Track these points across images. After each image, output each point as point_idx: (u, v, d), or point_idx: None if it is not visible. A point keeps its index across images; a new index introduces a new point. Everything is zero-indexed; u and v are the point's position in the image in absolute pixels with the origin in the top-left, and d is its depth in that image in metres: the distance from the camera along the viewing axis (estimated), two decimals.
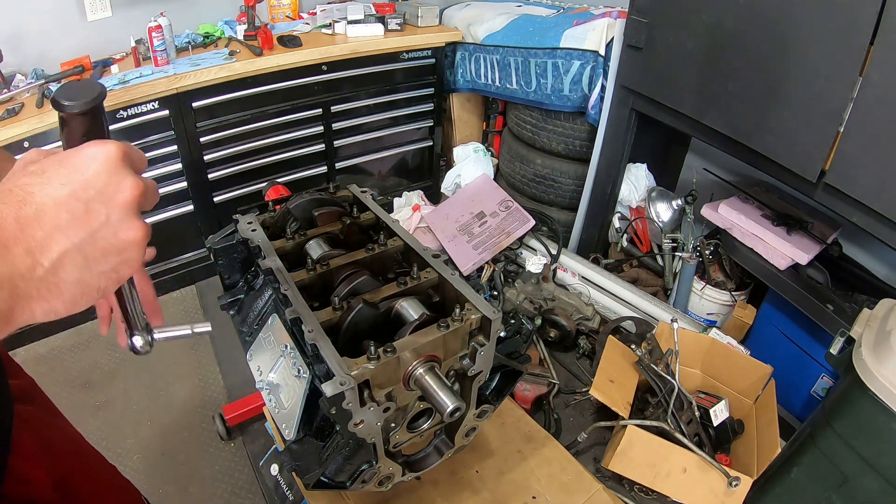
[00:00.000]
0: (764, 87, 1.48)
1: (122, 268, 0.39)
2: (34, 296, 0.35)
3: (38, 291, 0.35)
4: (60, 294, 0.36)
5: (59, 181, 0.36)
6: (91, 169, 0.37)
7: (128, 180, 0.38)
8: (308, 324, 0.88)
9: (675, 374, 1.59)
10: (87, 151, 0.37)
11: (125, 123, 2.01)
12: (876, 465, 1.08)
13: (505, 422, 1.40)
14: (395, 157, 2.86)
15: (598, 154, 2.19)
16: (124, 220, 0.38)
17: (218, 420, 1.72)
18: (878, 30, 1.19)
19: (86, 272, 0.37)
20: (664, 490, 1.47)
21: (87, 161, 0.37)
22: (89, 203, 0.36)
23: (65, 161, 0.37)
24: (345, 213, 1.19)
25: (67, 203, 0.36)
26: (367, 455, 0.97)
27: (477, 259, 2.23)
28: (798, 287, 1.60)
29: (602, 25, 2.07)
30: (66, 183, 0.36)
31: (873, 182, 1.28)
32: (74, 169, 0.37)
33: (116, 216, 0.37)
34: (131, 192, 0.38)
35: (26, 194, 0.35)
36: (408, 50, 2.56)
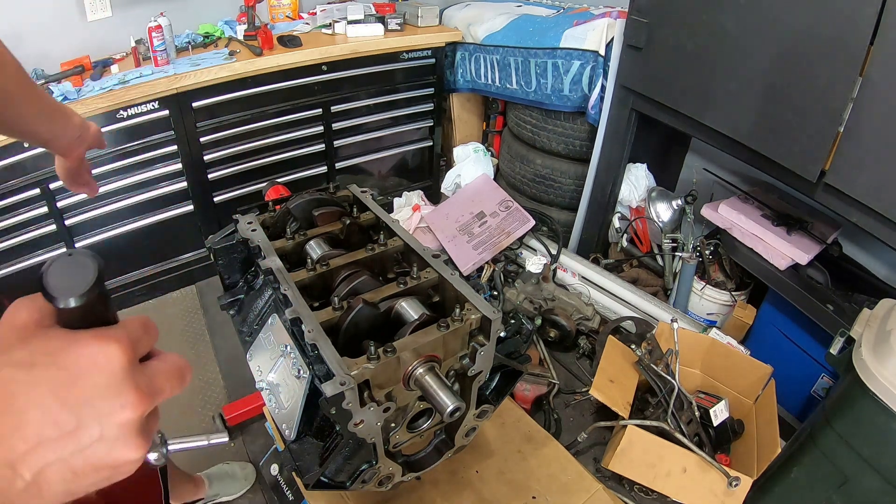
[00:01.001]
0: (764, 87, 1.48)
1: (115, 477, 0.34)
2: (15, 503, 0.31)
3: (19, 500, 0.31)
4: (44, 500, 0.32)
5: (49, 388, 0.30)
6: (88, 379, 0.31)
7: (130, 396, 0.32)
8: (308, 324, 0.88)
9: (675, 374, 1.59)
10: (86, 353, 0.32)
11: (125, 123, 2.01)
12: (876, 465, 1.08)
13: (505, 422, 1.40)
14: (395, 157, 2.86)
15: (598, 154, 2.19)
16: (120, 438, 0.32)
17: (218, 420, 1.72)
18: (878, 30, 1.19)
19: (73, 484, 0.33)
20: (664, 490, 1.47)
21: (84, 367, 0.31)
22: (81, 419, 0.31)
23: (58, 359, 0.31)
24: (345, 213, 1.19)
25: (56, 417, 0.30)
26: (367, 455, 0.97)
27: (477, 259, 2.23)
28: (798, 287, 1.60)
29: (602, 25, 2.07)
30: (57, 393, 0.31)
31: (873, 182, 1.28)
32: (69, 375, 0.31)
33: (112, 434, 0.32)
34: (132, 411, 0.32)
35: (9, 395, 0.30)
36: (408, 50, 2.56)
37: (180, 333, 2.21)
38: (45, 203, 1.98)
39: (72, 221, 2.08)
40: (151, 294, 2.39)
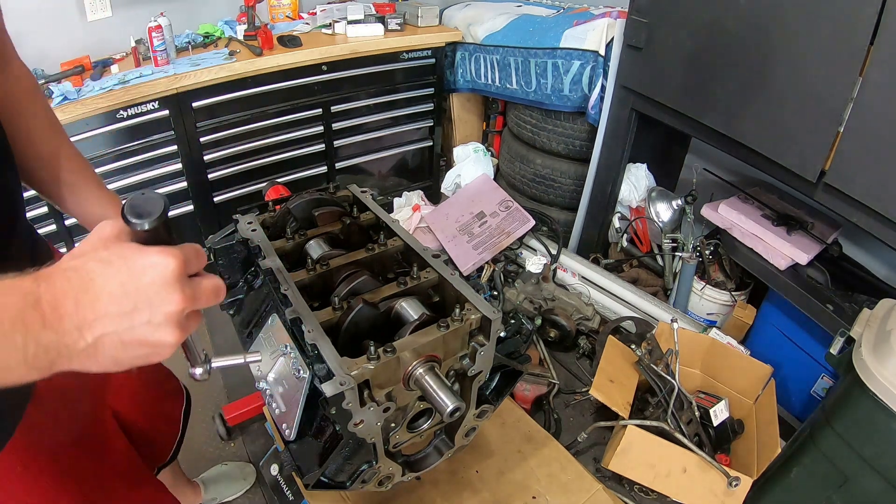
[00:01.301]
0: (764, 87, 1.48)
1: (153, 357, 0.45)
2: (73, 359, 0.42)
3: (77, 357, 0.42)
4: (95, 362, 0.43)
5: (120, 278, 0.42)
6: (147, 278, 0.42)
7: (175, 295, 0.43)
8: (308, 324, 0.88)
9: (675, 374, 1.59)
10: (150, 259, 0.43)
11: (125, 123, 2.01)
12: (876, 465, 1.08)
13: (505, 422, 1.40)
14: (395, 157, 2.86)
15: (598, 154, 2.19)
16: (163, 325, 0.43)
17: (218, 420, 1.72)
18: (878, 30, 1.19)
19: (120, 353, 0.43)
20: (664, 490, 1.47)
21: (146, 269, 0.42)
22: (137, 305, 0.42)
23: (130, 261, 0.42)
24: (345, 213, 1.19)
25: (119, 300, 0.41)
26: (367, 455, 0.97)
27: (477, 259, 2.23)
28: (798, 287, 1.60)
29: (602, 25, 2.07)
30: (125, 282, 0.42)
31: (873, 182, 1.28)
32: (134, 273, 0.42)
33: (157, 320, 0.43)
34: (176, 305, 0.43)
35: (89, 280, 0.41)
36: (408, 50, 2.56)
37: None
38: (46, 203, 1.99)
39: (72, 221, 2.08)
40: None
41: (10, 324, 0.38)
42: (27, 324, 0.39)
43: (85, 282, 0.41)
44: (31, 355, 0.39)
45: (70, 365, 0.42)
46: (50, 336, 0.40)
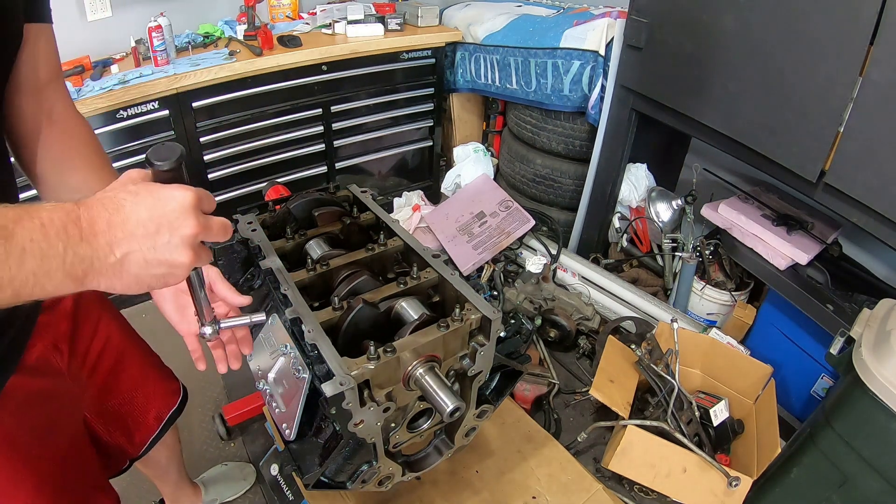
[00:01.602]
0: (764, 87, 1.48)
1: (169, 278, 0.52)
2: (102, 273, 0.48)
3: (106, 271, 0.48)
4: (120, 279, 0.49)
5: (146, 205, 0.49)
6: (170, 206, 0.50)
7: (192, 221, 0.50)
8: (308, 324, 0.88)
9: (675, 374, 1.59)
10: (173, 193, 0.50)
11: (125, 123, 2.01)
12: (876, 465, 1.08)
13: (505, 422, 1.40)
14: (395, 157, 2.86)
15: (598, 154, 2.19)
16: (180, 246, 0.50)
17: (218, 420, 1.72)
18: (878, 30, 1.19)
19: (142, 270, 0.50)
20: (664, 490, 1.47)
21: (169, 199, 0.50)
22: (160, 227, 0.49)
23: (154, 192, 0.50)
24: (345, 213, 1.19)
25: (145, 223, 0.48)
26: (367, 455, 0.97)
27: (477, 259, 2.23)
28: (798, 287, 1.60)
29: (602, 25, 2.07)
30: (150, 208, 0.49)
31: (873, 182, 1.28)
32: (159, 200, 0.49)
33: (175, 242, 0.50)
34: (192, 230, 0.50)
35: (120, 206, 0.48)
36: (408, 50, 2.56)
37: None
38: None
39: None
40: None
41: (55, 233, 0.45)
42: (69, 234, 0.45)
43: (117, 207, 0.48)
44: (69, 263, 0.46)
45: (99, 280, 0.48)
46: (86, 249, 0.46)
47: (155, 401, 1.11)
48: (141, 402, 1.07)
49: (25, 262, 0.43)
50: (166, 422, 1.13)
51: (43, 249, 0.44)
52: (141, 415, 1.08)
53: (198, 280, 0.66)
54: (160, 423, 1.12)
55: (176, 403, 1.16)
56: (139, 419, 1.08)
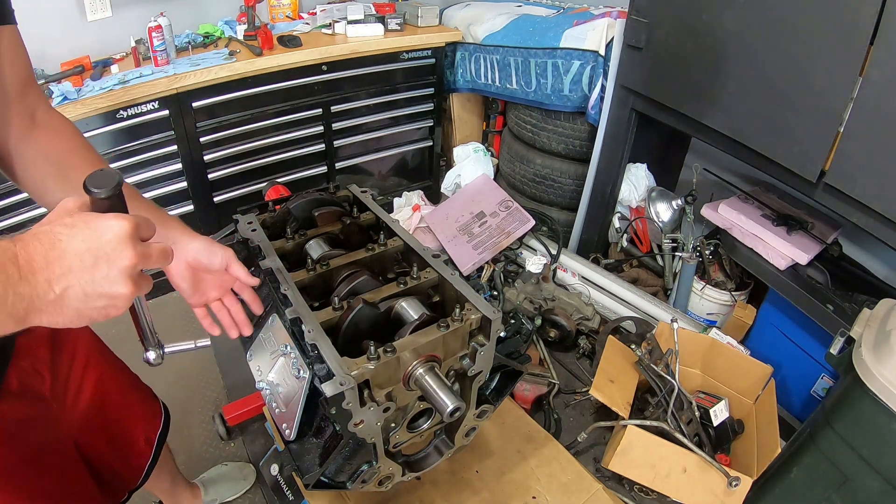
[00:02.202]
0: (764, 87, 1.48)
1: (111, 309, 0.51)
2: (43, 310, 0.48)
3: (46, 308, 0.48)
4: (62, 314, 0.49)
5: (82, 237, 0.48)
6: (106, 237, 0.49)
7: (129, 251, 0.50)
8: (308, 324, 0.88)
9: (675, 374, 1.59)
10: (108, 223, 0.49)
11: (125, 123, 2.01)
12: (876, 465, 1.08)
13: (505, 422, 1.40)
14: (395, 157, 2.86)
15: (598, 154, 2.19)
16: (119, 278, 0.50)
17: (218, 420, 1.72)
18: (878, 30, 1.19)
19: (83, 304, 0.49)
20: (664, 490, 1.47)
21: (105, 230, 0.49)
22: (97, 259, 0.49)
23: (90, 223, 0.49)
24: (345, 213, 1.19)
25: (82, 255, 0.48)
26: (367, 455, 0.97)
27: (477, 259, 2.23)
28: (798, 287, 1.60)
29: (602, 25, 2.07)
30: (86, 240, 0.48)
31: (873, 182, 1.28)
32: (94, 232, 0.49)
33: (114, 274, 0.49)
34: (129, 260, 0.50)
35: (56, 240, 0.48)
36: (408, 50, 2.56)
37: (180, 333, 2.21)
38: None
39: None
40: (152, 294, 2.39)
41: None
42: (8, 275, 0.45)
43: (53, 242, 0.48)
44: (10, 303, 0.45)
45: (41, 317, 0.48)
46: (25, 287, 0.46)
47: (141, 424, 1.08)
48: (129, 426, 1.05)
49: None
50: (157, 444, 1.10)
51: None
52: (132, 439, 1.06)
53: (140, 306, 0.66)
54: (152, 447, 1.10)
55: (160, 425, 1.13)
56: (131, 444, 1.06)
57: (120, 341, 1.09)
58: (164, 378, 1.99)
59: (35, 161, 0.75)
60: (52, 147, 0.76)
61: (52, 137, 0.77)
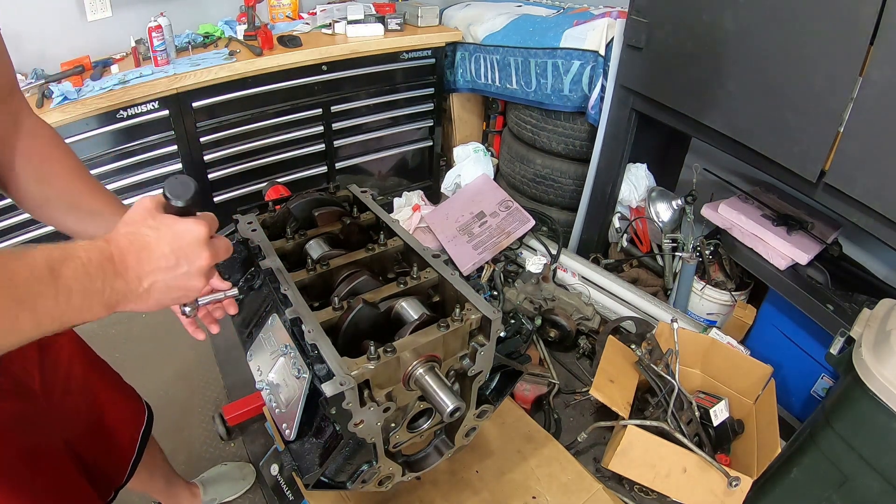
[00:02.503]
0: (764, 87, 1.48)
1: (183, 298, 0.62)
2: (132, 301, 0.57)
3: (135, 299, 0.57)
4: (146, 303, 0.58)
5: (167, 240, 0.58)
6: (187, 240, 0.59)
7: (205, 252, 0.60)
8: (308, 324, 0.88)
9: (675, 374, 1.59)
10: (189, 227, 0.59)
11: (125, 123, 2.01)
12: (876, 465, 1.08)
13: (505, 422, 1.40)
14: (395, 157, 2.86)
15: (598, 154, 2.19)
16: (196, 275, 0.60)
17: (218, 420, 1.72)
18: (878, 30, 1.19)
19: (163, 295, 0.59)
20: (664, 490, 1.47)
21: (186, 234, 0.59)
22: (179, 259, 0.59)
23: (173, 227, 0.58)
24: (345, 213, 1.19)
25: (167, 256, 0.58)
26: (367, 455, 0.97)
27: (477, 259, 2.23)
28: (798, 287, 1.60)
29: (602, 25, 2.07)
30: (171, 243, 0.58)
31: (873, 182, 1.28)
32: (177, 236, 0.58)
33: (192, 271, 0.60)
34: (206, 260, 0.61)
35: (146, 242, 0.57)
36: (408, 50, 2.56)
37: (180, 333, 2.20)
38: None
39: None
40: None
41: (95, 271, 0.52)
42: (105, 271, 0.53)
43: (143, 243, 0.56)
44: (107, 296, 0.53)
45: (127, 306, 0.57)
46: (120, 283, 0.54)
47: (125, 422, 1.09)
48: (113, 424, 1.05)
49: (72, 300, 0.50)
50: (140, 443, 1.11)
51: (85, 287, 0.51)
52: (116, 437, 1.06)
53: None
54: (135, 445, 1.10)
55: (143, 423, 1.14)
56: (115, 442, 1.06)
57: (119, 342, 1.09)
58: (164, 378, 2.00)
59: (17, 165, 0.76)
60: (35, 152, 0.78)
61: (35, 142, 0.78)
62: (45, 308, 0.48)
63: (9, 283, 0.45)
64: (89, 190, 0.82)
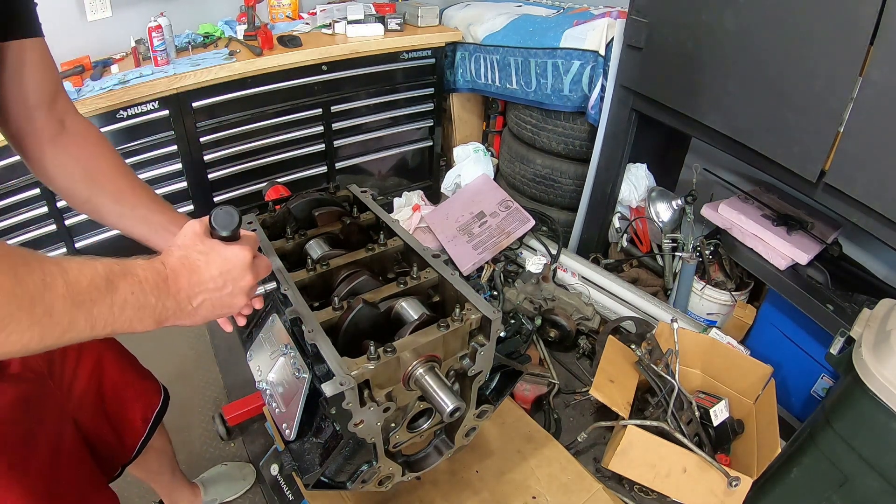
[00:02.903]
0: (764, 87, 1.48)
1: (228, 314, 0.70)
2: (180, 318, 0.63)
3: (184, 316, 0.64)
4: (192, 319, 0.65)
5: (216, 265, 0.65)
6: (233, 264, 0.66)
7: (249, 275, 0.68)
8: (308, 324, 0.88)
9: (675, 374, 1.59)
10: (236, 253, 0.66)
11: (125, 123, 2.01)
12: (876, 465, 1.08)
13: (505, 422, 1.40)
14: (395, 157, 2.86)
15: (598, 154, 2.19)
16: (240, 294, 0.68)
17: (218, 420, 1.72)
18: (878, 30, 1.19)
19: (209, 312, 0.66)
20: (664, 490, 1.47)
21: (233, 258, 0.66)
22: (227, 282, 0.66)
23: (222, 253, 0.66)
24: (345, 213, 1.19)
25: (216, 279, 0.65)
26: (367, 455, 0.97)
27: (477, 259, 2.23)
28: (798, 287, 1.60)
29: (602, 25, 2.07)
30: (219, 267, 0.65)
31: (873, 182, 1.28)
32: (226, 261, 0.66)
33: (237, 291, 0.67)
34: (249, 282, 0.68)
35: (196, 267, 0.64)
36: (408, 50, 2.56)
37: (180, 333, 2.21)
38: (45, 203, 1.99)
39: (72, 221, 2.08)
40: None
41: (150, 289, 0.58)
42: (160, 290, 0.59)
43: (194, 266, 0.63)
44: (158, 311, 0.59)
45: (176, 321, 0.63)
46: (172, 302, 0.60)
47: (138, 402, 1.11)
48: (126, 404, 1.08)
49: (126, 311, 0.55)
50: (153, 422, 1.13)
51: (140, 301, 0.57)
52: (128, 416, 1.08)
53: None
54: (147, 425, 1.12)
55: (159, 403, 1.16)
56: (126, 421, 1.08)
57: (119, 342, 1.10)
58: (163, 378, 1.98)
59: (65, 164, 0.83)
60: (81, 152, 0.84)
61: (81, 143, 0.85)
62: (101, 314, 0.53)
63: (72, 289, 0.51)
64: (132, 188, 0.88)
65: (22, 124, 0.79)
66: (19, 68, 0.75)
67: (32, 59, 0.76)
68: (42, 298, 0.48)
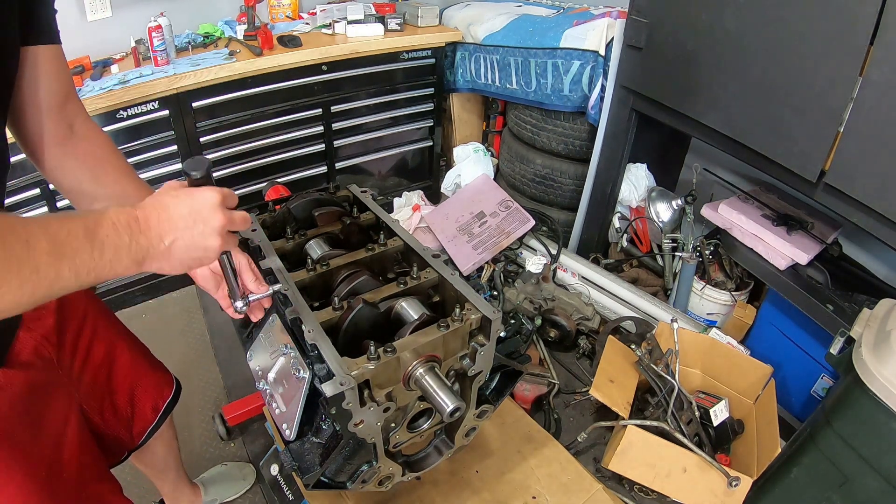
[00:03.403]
0: (764, 87, 1.48)
1: (204, 259, 0.67)
2: (156, 258, 0.63)
3: (158, 256, 0.63)
4: (169, 261, 0.64)
5: (185, 204, 0.64)
6: (203, 203, 0.65)
7: (219, 214, 0.66)
8: (308, 324, 0.88)
9: (675, 374, 1.59)
10: (204, 194, 0.66)
11: (125, 123, 2.01)
12: (876, 465, 1.08)
13: (505, 422, 1.40)
14: (395, 157, 2.86)
15: (598, 154, 2.19)
16: (211, 234, 0.66)
17: (218, 420, 1.72)
18: (878, 30, 1.19)
19: (184, 254, 0.65)
20: (664, 490, 1.47)
21: (202, 198, 0.65)
22: (196, 220, 0.64)
23: (191, 194, 0.65)
24: (345, 213, 1.19)
25: (185, 217, 0.64)
26: (367, 455, 0.97)
27: (477, 259, 2.23)
28: (798, 287, 1.60)
29: (602, 25, 2.07)
30: (188, 206, 0.64)
31: (873, 182, 1.28)
32: (194, 200, 0.65)
33: (208, 231, 0.65)
34: (219, 221, 0.66)
35: (165, 206, 0.63)
36: (408, 50, 2.56)
37: (180, 333, 2.21)
38: (45, 203, 1.99)
39: None
40: (152, 294, 2.39)
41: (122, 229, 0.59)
42: (132, 229, 0.60)
43: (164, 206, 0.63)
44: (133, 251, 0.60)
45: (153, 263, 0.63)
46: (144, 239, 0.61)
47: (150, 392, 1.13)
48: (137, 393, 1.10)
49: (105, 253, 0.57)
50: (163, 412, 1.15)
51: (115, 242, 0.58)
52: (138, 405, 1.10)
53: (228, 263, 0.78)
54: (157, 414, 1.14)
55: (170, 394, 1.18)
56: (137, 410, 1.10)
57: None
58: None
59: (72, 167, 0.86)
60: (88, 155, 0.87)
61: (89, 146, 0.87)
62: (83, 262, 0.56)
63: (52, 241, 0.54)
64: (136, 189, 0.91)
65: (34, 127, 0.81)
66: (36, 73, 0.79)
67: (49, 65, 0.81)
68: (29, 259, 0.51)
